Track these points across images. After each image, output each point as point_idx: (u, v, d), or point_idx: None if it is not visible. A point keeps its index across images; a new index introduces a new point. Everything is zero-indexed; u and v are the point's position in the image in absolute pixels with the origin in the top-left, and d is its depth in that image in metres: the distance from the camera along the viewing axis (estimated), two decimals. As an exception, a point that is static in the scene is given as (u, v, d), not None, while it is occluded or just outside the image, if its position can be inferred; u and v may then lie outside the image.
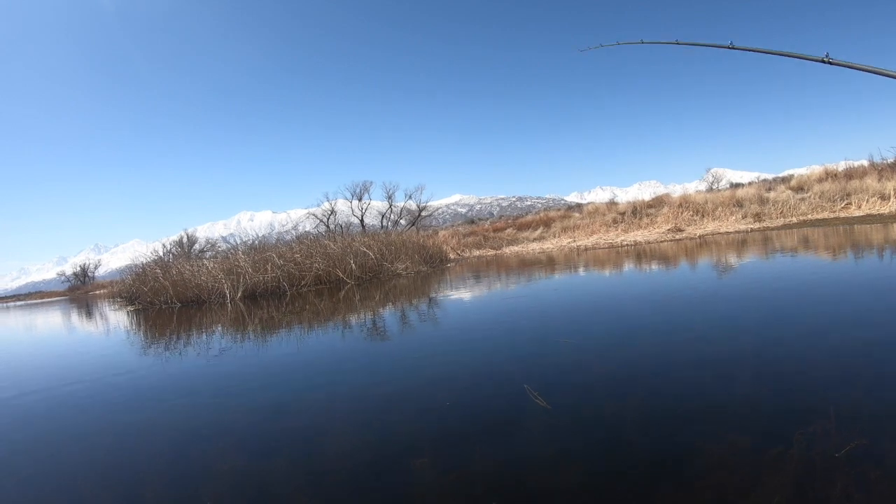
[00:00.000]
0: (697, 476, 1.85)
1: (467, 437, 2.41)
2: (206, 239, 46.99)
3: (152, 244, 40.15)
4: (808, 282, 5.72)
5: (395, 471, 2.15)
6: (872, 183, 18.34)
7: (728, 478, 1.81)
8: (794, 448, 1.91)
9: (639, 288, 7.10)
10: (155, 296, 13.77)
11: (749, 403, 2.41)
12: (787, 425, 2.10)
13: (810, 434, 1.99)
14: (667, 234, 18.20)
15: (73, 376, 5.10)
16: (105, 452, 2.82)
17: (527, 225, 28.43)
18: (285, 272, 13.11)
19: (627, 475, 1.92)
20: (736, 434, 2.09)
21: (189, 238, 40.93)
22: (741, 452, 1.95)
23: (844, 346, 3.17)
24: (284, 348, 5.31)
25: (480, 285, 9.66)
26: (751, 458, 1.90)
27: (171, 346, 6.45)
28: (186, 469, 2.45)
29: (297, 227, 53.57)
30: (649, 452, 2.06)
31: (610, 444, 2.18)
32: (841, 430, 2.00)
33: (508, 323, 5.40)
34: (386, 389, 3.38)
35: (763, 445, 1.97)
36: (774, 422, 2.18)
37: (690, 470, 1.90)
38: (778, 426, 2.12)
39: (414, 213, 36.66)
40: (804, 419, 2.14)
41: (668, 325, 4.33)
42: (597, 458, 2.06)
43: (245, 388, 3.87)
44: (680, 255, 11.00)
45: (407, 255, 15.96)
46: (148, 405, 3.68)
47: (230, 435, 2.85)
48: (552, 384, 3.03)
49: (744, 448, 1.98)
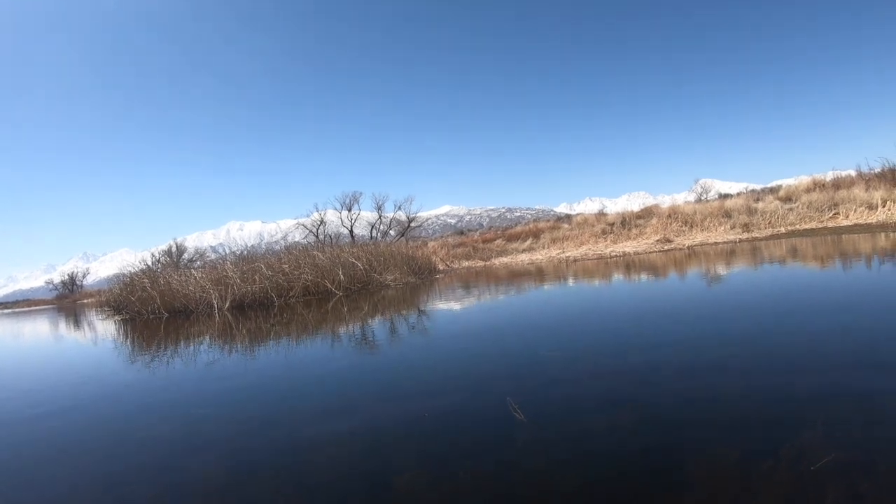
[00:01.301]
0: (685, 489, 1.83)
1: (450, 452, 2.38)
2: (195, 248, 46.81)
3: (141, 253, 39.94)
4: (795, 292, 5.74)
5: (379, 485, 2.12)
6: (860, 193, 18.47)
7: (717, 490, 1.80)
8: (783, 461, 1.90)
9: (627, 299, 7.10)
10: (143, 305, 13.66)
11: (737, 415, 2.39)
12: (776, 437, 2.09)
13: (798, 446, 1.98)
14: (656, 244, 18.24)
15: (50, 384, 5.04)
16: (83, 465, 2.76)
17: (516, 236, 28.45)
18: (273, 283, 13.02)
19: (611, 490, 1.90)
20: (725, 447, 2.08)
21: (178, 247, 40.74)
22: (729, 465, 1.94)
23: (834, 353, 3.16)
24: (271, 360, 5.26)
25: (468, 297, 9.63)
26: (739, 471, 1.88)
27: (157, 357, 6.38)
28: (169, 482, 2.40)
29: (286, 238, 53.51)
30: (633, 466, 2.04)
31: (594, 458, 2.15)
32: (828, 442, 1.99)
33: (495, 335, 5.38)
34: (371, 401, 3.35)
35: (751, 458, 1.95)
36: (762, 434, 2.16)
37: (677, 484, 1.88)
38: (766, 438, 2.11)
39: (403, 224, 36.60)
40: (793, 431, 2.12)
41: (655, 337, 4.31)
42: (580, 473, 2.03)
43: (230, 399, 3.82)
44: (668, 266, 11.02)
45: (396, 265, 15.91)
46: (126, 417, 3.62)
47: (214, 447, 2.80)
48: (537, 397, 3.01)
49: (732, 461, 1.96)
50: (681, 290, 7.22)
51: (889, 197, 17.11)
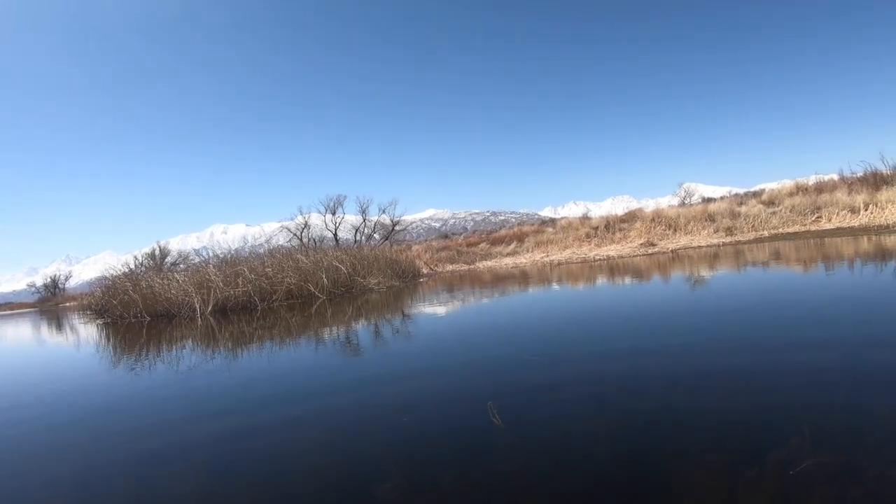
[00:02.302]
0: (670, 497, 1.80)
1: (431, 458, 2.34)
2: (179, 252, 46.53)
3: (125, 256, 39.64)
4: (777, 294, 5.77)
5: (356, 494, 2.08)
6: (842, 196, 18.69)
7: (703, 499, 1.77)
8: (769, 468, 1.87)
9: (610, 303, 7.09)
10: (124, 309, 13.53)
11: (723, 421, 2.36)
12: (762, 444, 2.07)
13: (785, 453, 1.96)
14: (639, 248, 18.33)
15: (20, 393, 4.95)
16: (50, 473, 2.69)
17: (500, 239, 28.54)
18: (256, 286, 12.91)
19: (594, 499, 1.87)
20: (711, 454, 2.05)
21: (162, 250, 40.44)
22: (715, 473, 1.90)
23: (819, 359, 3.15)
24: (252, 366, 5.17)
25: (452, 301, 9.60)
26: (726, 479, 1.86)
27: (136, 362, 6.25)
28: (141, 493, 2.33)
29: (270, 241, 53.29)
30: (616, 474, 2.00)
31: (575, 465, 2.11)
32: (817, 448, 1.97)
33: (478, 339, 5.36)
34: (353, 407, 3.30)
35: (737, 466, 1.93)
36: (748, 441, 2.13)
37: (660, 491, 1.84)
38: (752, 445, 2.08)
39: (387, 228, 36.61)
40: (779, 438, 2.10)
41: (638, 341, 4.29)
42: (561, 481, 1.99)
43: (208, 406, 3.73)
44: (652, 270, 11.06)
45: (379, 269, 15.85)
46: (98, 424, 3.52)
47: (189, 455, 2.72)
48: (519, 403, 2.97)
49: (718, 469, 1.93)
50: (664, 295, 7.23)
51: (871, 200, 17.33)
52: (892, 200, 16.64)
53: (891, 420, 2.18)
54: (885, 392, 2.48)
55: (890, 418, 2.19)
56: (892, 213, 15.82)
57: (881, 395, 2.46)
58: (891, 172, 19.62)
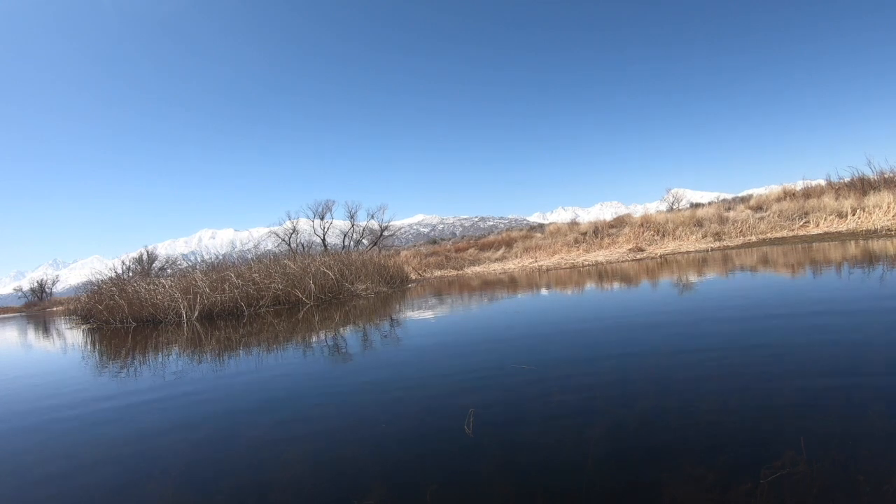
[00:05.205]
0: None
1: (412, 468, 2.30)
2: (167, 256, 46.31)
3: (112, 261, 39.37)
4: (766, 299, 5.76)
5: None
6: (830, 201, 18.82)
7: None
8: (763, 481, 1.84)
9: (598, 310, 7.06)
10: (110, 314, 13.34)
11: (712, 431, 2.33)
12: (755, 457, 2.04)
13: (779, 466, 1.93)
14: (628, 253, 18.39)
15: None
16: (23, 482, 2.63)
17: (489, 245, 28.55)
18: (243, 292, 12.80)
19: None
20: (701, 468, 2.02)
21: (149, 255, 40.27)
22: (704, 484, 1.88)
23: (809, 366, 3.14)
24: (237, 373, 5.07)
25: (440, 306, 9.56)
26: (715, 490, 1.83)
27: (120, 369, 6.15)
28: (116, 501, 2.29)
29: (258, 246, 53.14)
30: (603, 483, 1.97)
31: (566, 477, 2.07)
32: (812, 460, 1.94)
33: (465, 346, 5.32)
34: (336, 416, 3.25)
35: (729, 479, 1.90)
36: (741, 454, 2.10)
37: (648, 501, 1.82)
38: (744, 458, 2.06)
39: (376, 233, 36.55)
40: (772, 450, 2.08)
41: (626, 348, 4.27)
42: (546, 493, 1.96)
43: (191, 414, 3.65)
44: (641, 275, 11.08)
45: (367, 275, 15.78)
46: (76, 434, 3.45)
47: (166, 466, 2.66)
48: (503, 412, 2.94)
49: (710, 482, 1.90)
50: (653, 300, 7.22)
51: (858, 206, 17.44)
52: (879, 205, 16.75)
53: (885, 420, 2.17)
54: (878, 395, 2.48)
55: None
56: (880, 218, 15.93)
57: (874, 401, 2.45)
58: (878, 178, 19.75)
